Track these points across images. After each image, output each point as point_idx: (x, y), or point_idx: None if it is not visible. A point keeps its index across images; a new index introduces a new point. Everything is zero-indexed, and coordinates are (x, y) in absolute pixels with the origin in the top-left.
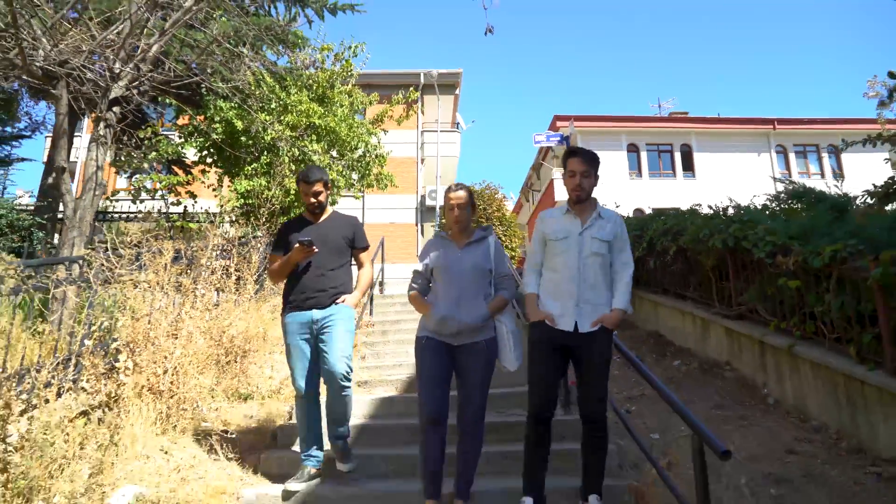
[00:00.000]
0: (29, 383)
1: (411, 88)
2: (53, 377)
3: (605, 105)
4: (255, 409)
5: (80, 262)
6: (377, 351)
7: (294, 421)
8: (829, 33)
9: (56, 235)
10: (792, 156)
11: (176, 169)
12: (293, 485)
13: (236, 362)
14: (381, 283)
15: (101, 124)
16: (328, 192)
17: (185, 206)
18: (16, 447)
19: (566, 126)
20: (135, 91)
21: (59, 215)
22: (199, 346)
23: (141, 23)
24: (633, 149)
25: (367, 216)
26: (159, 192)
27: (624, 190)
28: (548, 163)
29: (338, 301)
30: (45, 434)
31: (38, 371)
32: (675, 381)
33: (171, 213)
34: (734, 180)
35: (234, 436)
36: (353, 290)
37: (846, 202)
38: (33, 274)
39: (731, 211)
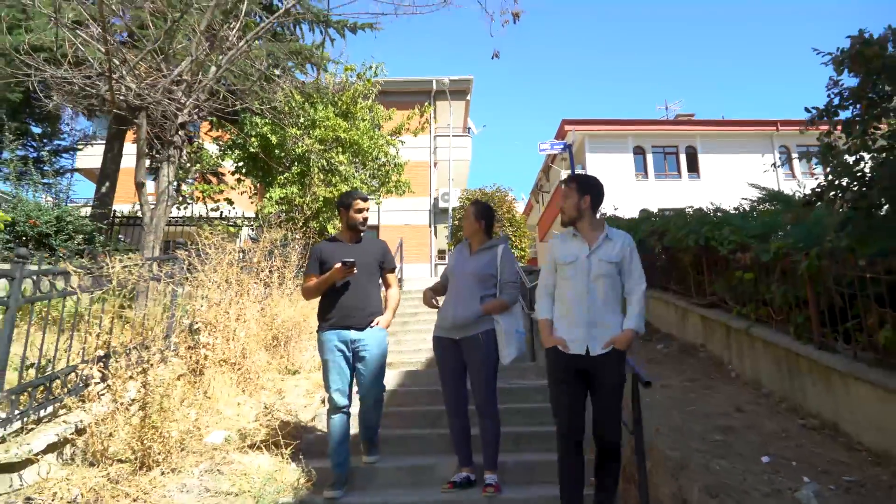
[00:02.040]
0: (141, 354)
1: (426, 104)
2: (158, 350)
3: (614, 107)
4: (302, 381)
5: (173, 260)
6: (399, 339)
7: None
8: (832, 33)
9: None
10: (795, 157)
11: (211, 178)
12: (330, 492)
13: (284, 345)
14: (401, 280)
15: (171, 147)
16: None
17: (222, 212)
18: (143, 397)
19: (573, 130)
20: (195, 116)
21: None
22: (255, 330)
23: (200, 60)
24: (639, 151)
25: (382, 218)
26: (199, 199)
27: (630, 191)
28: (556, 165)
29: (372, 324)
30: (160, 388)
31: (146, 346)
32: (656, 360)
33: (213, 218)
34: (738, 181)
35: (286, 399)
36: (383, 309)
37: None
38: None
39: (733, 210)
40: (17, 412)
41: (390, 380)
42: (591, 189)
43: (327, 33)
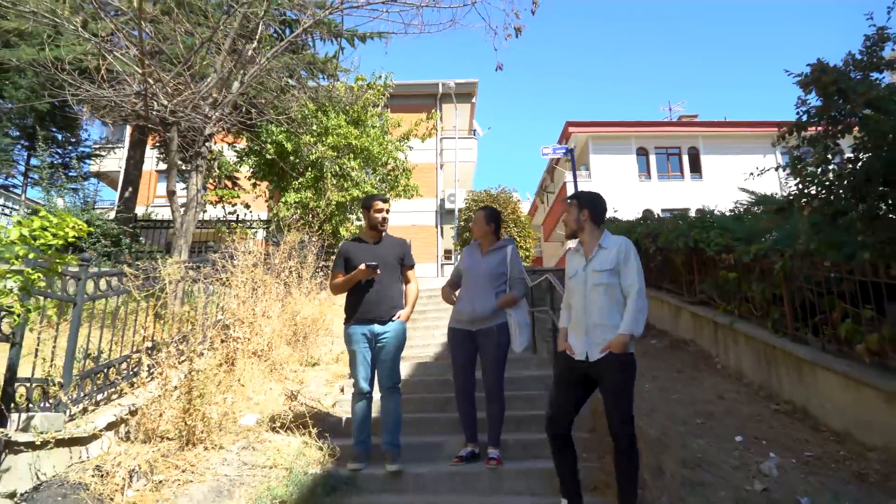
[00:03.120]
0: (179, 347)
1: (433, 111)
2: (197, 343)
3: (619, 108)
4: (321, 372)
5: (206, 263)
6: (409, 335)
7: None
8: (835, 35)
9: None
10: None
11: (227, 182)
12: (353, 465)
13: (303, 339)
14: None
15: (199, 157)
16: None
17: (238, 215)
18: (188, 383)
19: (576, 132)
20: (220, 129)
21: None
22: (277, 326)
23: (224, 76)
24: (642, 152)
25: (390, 219)
26: (216, 203)
27: (634, 192)
28: (560, 167)
29: (394, 317)
30: (202, 376)
31: (184, 339)
32: (649, 354)
33: (230, 221)
34: (740, 181)
35: (309, 388)
36: (403, 303)
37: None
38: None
39: (728, 212)
40: (82, 395)
41: (403, 371)
42: (589, 204)
43: (339, 45)
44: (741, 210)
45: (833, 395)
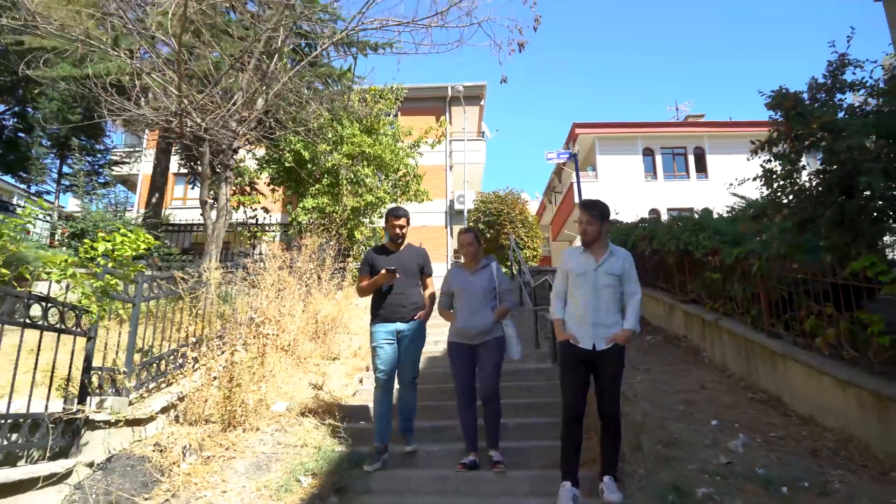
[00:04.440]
0: (215, 342)
1: (443, 118)
2: (234, 338)
3: (626, 107)
4: (341, 366)
5: (240, 267)
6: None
7: (370, 371)
8: (838, 37)
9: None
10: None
11: (246, 188)
12: (369, 466)
13: (324, 336)
14: None
15: (227, 170)
16: (408, 226)
17: (258, 218)
18: (230, 373)
19: (583, 133)
20: (245, 142)
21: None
22: (301, 323)
23: (250, 95)
24: (648, 152)
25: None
26: (237, 208)
27: (640, 192)
28: (568, 167)
29: (416, 317)
30: (238, 367)
31: (220, 336)
32: (643, 350)
33: (250, 224)
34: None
35: (331, 379)
36: (423, 304)
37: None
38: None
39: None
40: (140, 382)
41: None
42: (606, 216)
43: (354, 58)
44: (734, 213)
45: (799, 383)
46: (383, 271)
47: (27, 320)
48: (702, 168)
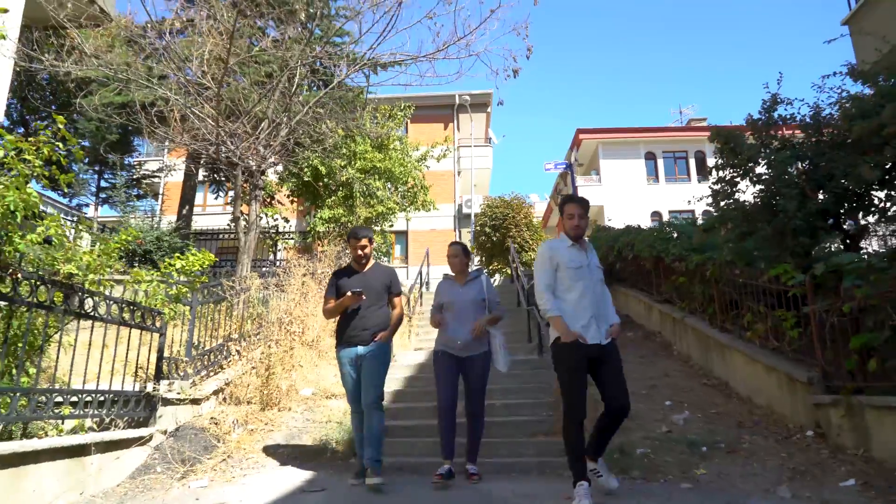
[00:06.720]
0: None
1: (451, 126)
2: (268, 335)
3: (631, 110)
4: None
5: (272, 275)
6: (427, 329)
7: None
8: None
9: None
10: None
11: (267, 199)
12: (353, 480)
13: None
14: (427, 283)
15: (256, 189)
16: (372, 246)
17: (278, 227)
18: (267, 362)
19: (586, 138)
20: (270, 164)
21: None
22: (321, 322)
23: (276, 123)
24: (650, 156)
25: (411, 225)
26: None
27: (642, 195)
28: (574, 172)
29: (376, 339)
30: (273, 358)
31: (256, 333)
32: (622, 344)
33: (272, 233)
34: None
35: None
36: (387, 325)
37: None
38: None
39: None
40: (196, 370)
41: (417, 357)
42: (588, 209)
43: (367, 77)
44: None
45: (740, 370)
46: (349, 293)
47: (122, 319)
48: (703, 171)
